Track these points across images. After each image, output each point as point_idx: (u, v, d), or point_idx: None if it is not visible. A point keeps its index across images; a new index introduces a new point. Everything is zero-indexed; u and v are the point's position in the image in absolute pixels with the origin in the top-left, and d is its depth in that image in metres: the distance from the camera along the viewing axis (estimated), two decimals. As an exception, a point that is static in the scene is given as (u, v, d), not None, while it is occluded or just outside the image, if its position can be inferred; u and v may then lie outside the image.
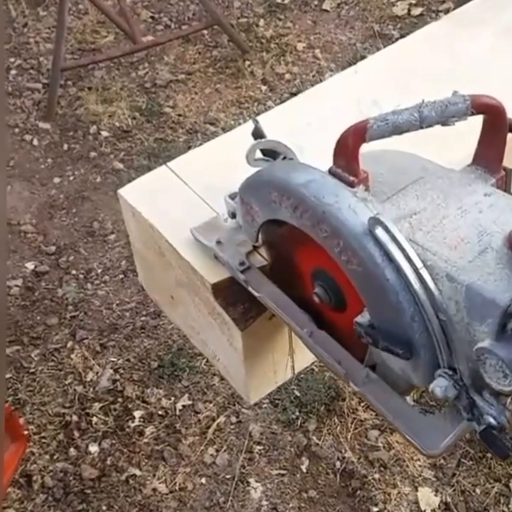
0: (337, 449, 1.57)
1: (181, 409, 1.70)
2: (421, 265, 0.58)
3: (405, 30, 2.77)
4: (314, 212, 0.63)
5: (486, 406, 0.59)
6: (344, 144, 0.64)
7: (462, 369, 0.59)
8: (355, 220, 0.60)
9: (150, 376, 1.77)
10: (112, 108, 2.55)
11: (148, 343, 1.85)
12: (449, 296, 0.57)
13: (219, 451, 1.63)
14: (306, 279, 0.74)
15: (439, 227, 0.61)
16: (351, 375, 0.67)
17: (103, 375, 1.78)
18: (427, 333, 0.59)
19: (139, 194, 0.89)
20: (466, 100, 0.62)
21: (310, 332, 0.71)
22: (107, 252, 2.11)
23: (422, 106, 0.62)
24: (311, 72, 2.62)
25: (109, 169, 2.35)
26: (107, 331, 1.89)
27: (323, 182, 0.64)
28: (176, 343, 1.83)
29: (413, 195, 0.64)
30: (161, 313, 1.91)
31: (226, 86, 2.59)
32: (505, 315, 0.54)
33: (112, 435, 1.67)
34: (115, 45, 2.81)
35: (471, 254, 0.58)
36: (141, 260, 0.96)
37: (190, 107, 2.53)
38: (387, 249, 0.58)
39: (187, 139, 2.41)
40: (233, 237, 0.81)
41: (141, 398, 1.73)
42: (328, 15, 2.91)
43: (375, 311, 0.63)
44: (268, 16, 2.92)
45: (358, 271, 0.61)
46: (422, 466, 1.50)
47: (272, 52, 2.72)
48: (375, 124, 0.62)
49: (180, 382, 1.75)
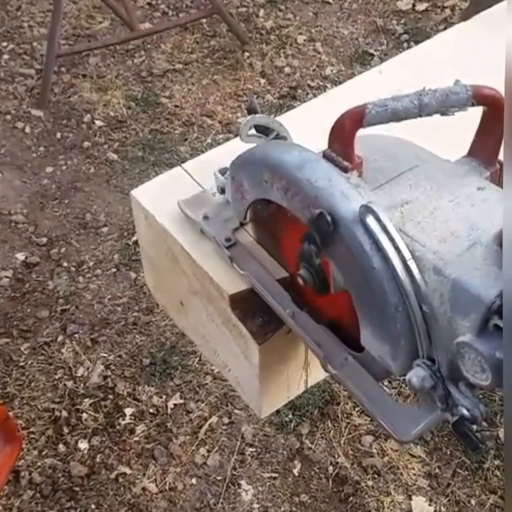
0: (330, 453, 1.57)
1: (173, 408, 1.68)
2: (409, 256, 0.58)
3: (409, 25, 2.74)
4: (306, 196, 0.62)
5: (460, 398, 0.60)
6: (340, 127, 0.63)
7: (441, 360, 0.60)
8: (347, 206, 0.60)
9: (141, 373, 1.75)
10: (106, 97, 2.51)
11: (141, 340, 1.83)
12: (434, 288, 0.57)
13: (210, 452, 1.62)
14: (291, 261, 0.74)
15: (430, 219, 0.61)
16: (330, 358, 0.68)
17: (94, 370, 1.76)
18: (408, 324, 0.59)
19: (153, 196, 0.86)
20: (468, 90, 0.61)
21: (292, 313, 0.71)
22: (100, 245, 2.08)
23: (422, 93, 0.61)
24: (311, 66, 2.58)
25: (102, 160, 2.32)
26: (99, 326, 1.87)
27: (316, 165, 0.64)
28: (168, 341, 1.81)
29: (406, 184, 0.64)
30: (154, 309, 1.89)
31: (224, 77, 2.55)
32: (489, 311, 0.54)
33: (102, 432, 1.66)
34: (111, 32, 2.76)
35: (459, 248, 0.58)
36: (150, 264, 0.94)
37: (187, 98, 2.49)
38: (376, 238, 0.58)
39: (183, 131, 2.38)
40: (221, 213, 0.80)
41: (133, 395, 1.71)
42: (330, 7, 2.88)
43: (360, 299, 0.63)
44: (268, 7, 2.87)
45: (345, 257, 0.61)
46: (416, 475, 1.50)
47: (271, 44, 2.68)
48: (374, 109, 0.61)
49: (172, 381, 1.73)
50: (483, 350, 0.55)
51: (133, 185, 2.29)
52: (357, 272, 0.61)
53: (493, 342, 0.55)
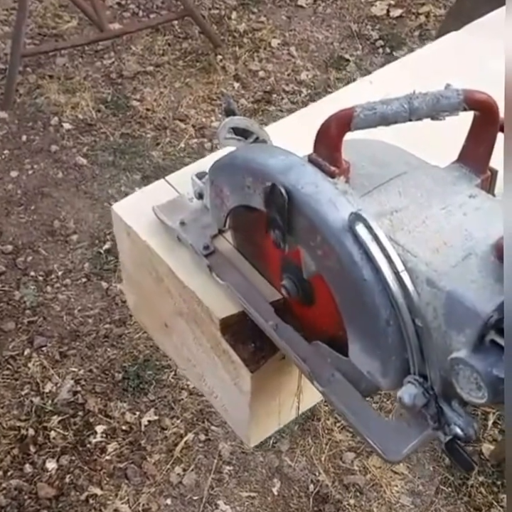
0: (310, 471, 1.53)
1: (147, 425, 1.63)
2: (402, 268, 0.55)
3: (384, 31, 2.74)
4: (291, 203, 0.60)
5: (454, 416, 0.58)
6: (327, 131, 0.60)
7: (433, 377, 0.58)
8: (335, 214, 0.57)
9: (114, 389, 1.69)
10: (74, 99, 2.43)
11: (113, 353, 1.76)
12: (428, 301, 0.55)
13: (186, 471, 1.57)
14: (273, 271, 0.71)
15: (422, 228, 0.59)
16: (316, 374, 0.65)
17: (63, 386, 1.70)
18: (400, 338, 0.57)
19: (135, 211, 0.81)
20: (460, 95, 0.59)
21: (275, 325, 0.68)
22: (69, 254, 2.00)
23: (412, 97, 0.59)
24: (286, 71, 2.55)
25: (71, 164, 2.24)
26: (68, 339, 1.80)
27: (302, 170, 0.61)
28: (142, 354, 1.75)
29: (395, 191, 0.62)
30: (127, 321, 1.82)
31: (197, 81, 2.50)
32: (486, 326, 0.52)
33: (72, 451, 1.60)
34: (79, 32, 2.67)
35: (453, 259, 0.56)
36: (132, 282, 0.89)
37: (159, 101, 2.43)
38: (366, 248, 0.55)
39: (155, 135, 2.32)
40: (198, 219, 0.77)
41: (104, 412, 1.65)
42: (303, 11, 2.85)
43: (349, 312, 0.60)
44: (241, 9, 2.83)
45: (333, 268, 0.58)
46: (399, 492, 1.47)
47: (245, 48, 2.64)
48: (362, 112, 0.58)
49: (146, 396, 1.67)
50: (479, 367, 0.52)
51: (103, 190, 2.25)
52: (346, 284, 0.58)
53: (489, 358, 0.52)
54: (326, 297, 0.63)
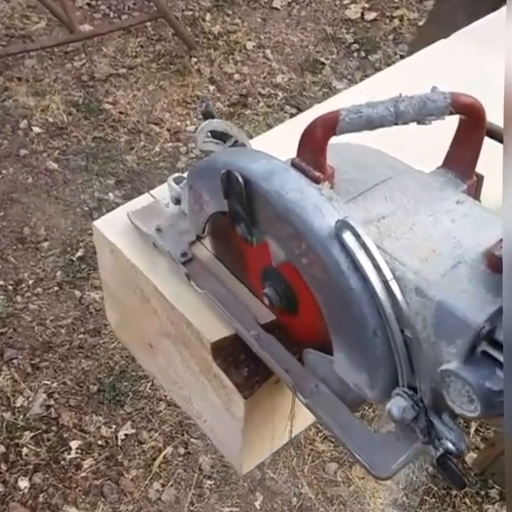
0: (293, 483, 1.51)
1: (123, 439, 1.59)
2: (391, 276, 0.54)
3: (359, 34, 2.74)
4: (275, 209, 0.58)
5: (444, 430, 0.57)
6: (312, 134, 0.59)
7: (423, 389, 0.56)
8: (321, 221, 0.56)
9: (88, 402, 1.65)
10: (44, 102, 2.37)
11: (87, 364, 1.71)
12: (417, 311, 0.54)
13: (165, 486, 1.53)
14: (254, 278, 0.70)
15: (409, 235, 0.58)
16: (299, 386, 0.63)
17: (35, 400, 1.65)
18: (388, 350, 0.56)
19: (119, 227, 0.77)
20: (446, 98, 0.59)
21: (257, 335, 0.66)
22: (40, 261, 1.94)
23: (398, 100, 0.58)
24: (262, 74, 2.53)
25: (41, 169, 2.18)
26: (40, 350, 1.75)
27: (286, 176, 0.59)
28: (118, 365, 1.71)
29: (381, 197, 0.61)
30: (102, 331, 1.77)
31: (171, 83, 2.46)
32: (477, 337, 0.51)
33: (45, 468, 1.55)
34: (47, 33, 2.61)
35: (443, 268, 0.54)
36: (114, 300, 0.85)
37: (133, 104, 2.38)
38: (354, 256, 0.54)
39: (129, 139, 2.27)
40: (175, 225, 0.75)
41: (79, 427, 1.61)
42: (278, 13, 2.83)
43: (335, 322, 0.59)
44: (215, 11, 2.80)
45: (319, 277, 0.57)
46: (383, 504, 1.46)
47: (219, 50, 2.61)
48: (348, 116, 0.57)
49: (122, 409, 1.63)
50: (471, 379, 0.51)
51: (75, 196, 2.19)
52: (332, 293, 0.57)
53: (481, 370, 0.51)
54: (310, 306, 0.61)
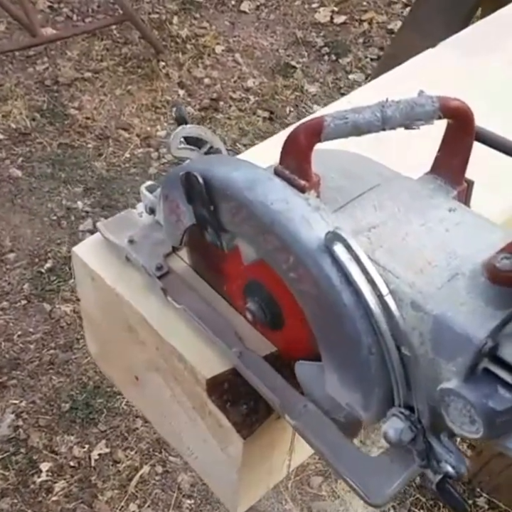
0: (277, 499, 1.47)
1: (97, 459, 1.53)
2: (387, 291, 0.51)
3: (329, 38, 2.73)
4: (260, 221, 0.55)
5: (444, 452, 0.54)
6: (295, 141, 0.56)
7: (421, 409, 0.54)
8: (310, 233, 0.53)
9: (60, 421, 1.59)
10: (6, 107, 2.29)
11: (58, 381, 1.65)
12: (413, 326, 0.52)
13: (142, 508, 1.49)
14: (235, 292, 0.66)
15: (402, 246, 0.55)
16: (287, 406, 0.59)
17: (2, 421, 1.59)
18: (383, 368, 0.53)
19: (101, 253, 0.72)
20: (435, 102, 0.57)
21: (239, 353, 0.63)
22: (6, 274, 1.87)
23: (385, 105, 0.56)
24: (232, 78, 2.50)
25: (4, 177, 2.11)
26: (7, 368, 1.68)
27: (271, 185, 0.56)
28: (91, 381, 1.65)
29: (370, 205, 0.59)
30: (73, 346, 1.71)
31: (139, 88, 2.41)
32: (479, 354, 0.48)
33: (14, 493, 1.48)
34: (7, 36, 2.53)
35: (439, 280, 0.52)
36: (95, 329, 0.80)
37: (100, 109, 2.32)
38: (346, 270, 0.51)
39: (97, 145, 2.21)
40: (149, 236, 0.71)
41: (49, 448, 1.55)
42: (246, 17, 2.81)
43: (326, 339, 0.56)
44: (182, 14, 2.76)
45: (309, 292, 0.54)
46: (371, 517, 1.44)
47: (188, 54, 2.57)
48: (333, 121, 0.55)
49: (96, 427, 1.57)
50: (472, 398, 0.48)
51: (42, 204, 2.12)
52: (323, 310, 0.54)
53: (483, 389, 0.49)
54: (297, 321, 0.59)
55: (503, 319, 0.48)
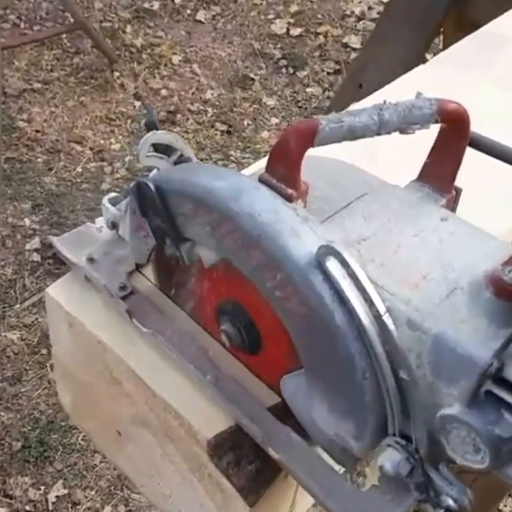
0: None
1: (55, 502, 1.45)
2: (384, 310, 0.48)
3: (286, 50, 2.74)
4: (246, 234, 0.52)
5: (444, 485, 0.51)
6: (285, 147, 0.53)
7: (419, 438, 0.51)
8: (300, 247, 0.50)
9: (12, 461, 1.49)
10: None
11: (8, 418, 1.56)
12: (409, 347, 0.49)
13: (106, 552, 1.39)
14: (208, 313, 0.62)
15: (395, 259, 0.53)
16: (271, 438, 0.55)
17: None
18: (378, 393, 0.50)
19: (81, 295, 0.65)
20: (432, 105, 0.55)
21: (214, 378, 0.58)
22: None
23: (383, 108, 0.54)
24: (190, 89, 2.47)
25: None
26: (-52, 404, 1.57)
27: (257, 195, 0.53)
28: (44, 415, 1.56)
29: (359, 216, 0.56)
30: (22, 378, 1.62)
31: (92, 99, 2.35)
32: (484, 376, 0.46)
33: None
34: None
35: (437, 296, 0.50)
36: (71, 380, 0.72)
37: (50, 121, 2.25)
38: (339, 287, 0.48)
39: (47, 159, 2.14)
40: (110, 253, 0.67)
41: (2, 491, 1.45)
42: (203, 26, 2.79)
43: (315, 364, 0.53)
44: (135, 22, 2.73)
45: (297, 312, 0.51)
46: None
47: (144, 64, 2.53)
48: (328, 125, 0.52)
49: (51, 466, 1.49)
50: (477, 425, 0.46)
51: (-13, 224, 2.03)
52: (313, 331, 0.51)
53: (488, 414, 0.46)
54: (279, 344, 0.55)
55: (507, 337, 0.46)
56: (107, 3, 2.78)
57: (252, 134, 2.33)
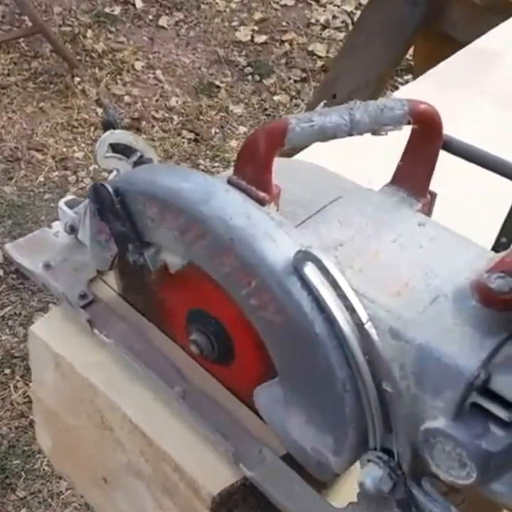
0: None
1: (19, 531, 1.39)
2: (367, 318, 0.47)
3: (251, 57, 2.76)
4: (217, 239, 0.50)
5: (427, 502, 0.50)
6: (255, 147, 0.52)
7: (402, 453, 0.50)
8: (276, 252, 0.49)
9: (-30, 488, 1.43)
10: None
11: (-35, 441, 1.50)
12: (392, 357, 0.48)
13: None
14: (177, 325, 0.60)
15: (374, 265, 0.52)
16: (242, 454, 0.53)
17: None
18: (359, 406, 0.49)
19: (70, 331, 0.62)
20: (404, 106, 0.55)
21: (182, 392, 0.56)
22: None
23: (353, 107, 0.53)
24: (154, 96, 2.46)
25: None
26: None
27: (228, 198, 0.52)
28: (5, 439, 1.52)
29: (335, 220, 0.55)
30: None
31: (52, 105, 2.32)
32: (470, 388, 0.45)
33: None
34: None
35: (420, 304, 0.49)
36: (53, 423, 0.68)
37: (8, 128, 2.21)
38: (319, 295, 0.47)
39: (6, 168, 2.10)
40: (69, 259, 0.64)
41: (-40, 519, 1.39)
42: (165, 32, 2.79)
43: (292, 375, 0.51)
44: (96, 27, 2.70)
45: (274, 321, 0.49)
46: None
47: (105, 70, 2.51)
48: (298, 125, 0.51)
49: (14, 493, 1.44)
50: (464, 439, 0.45)
51: None
52: (291, 340, 0.49)
53: (474, 427, 0.45)
54: (252, 355, 0.54)
55: (494, 347, 0.46)
56: (67, 7, 2.75)
57: (220, 143, 2.34)
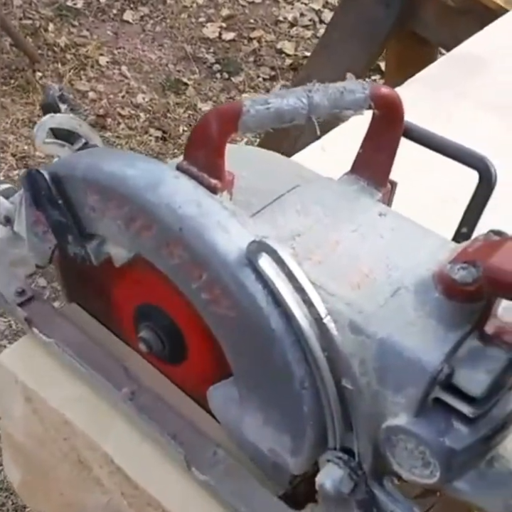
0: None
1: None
2: (325, 312, 0.46)
3: (219, 55, 2.76)
4: (165, 229, 0.48)
5: (389, 501, 0.49)
6: (206, 131, 0.49)
7: (363, 452, 0.49)
8: (228, 243, 0.47)
9: None
10: None
11: None
12: (352, 352, 0.46)
13: None
14: (123, 318, 0.58)
15: (333, 256, 0.50)
16: (194, 457, 0.52)
17: None
18: (318, 404, 0.48)
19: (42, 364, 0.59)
20: (365, 89, 0.53)
21: (130, 393, 0.55)
22: None
23: (312, 90, 0.51)
24: (119, 93, 2.44)
25: None
26: None
27: (177, 184, 0.49)
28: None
29: (292, 210, 0.53)
30: None
31: (13, 101, 2.28)
32: (433, 383, 0.44)
33: None
34: None
35: (381, 296, 0.48)
36: (24, 459, 0.63)
37: (-34, 124, 2.17)
38: (274, 287, 0.46)
39: (-37, 165, 2.05)
40: (5, 252, 0.62)
41: None
42: (130, 27, 2.77)
43: (247, 372, 0.50)
44: (58, 21, 2.67)
45: (227, 316, 0.48)
46: None
47: (68, 65, 2.48)
48: (253, 107, 0.49)
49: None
50: (427, 437, 0.44)
51: None
52: (245, 336, 0.48)
53: (437, 425, 0.45)
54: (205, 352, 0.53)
55: (458, 340, 0.45)
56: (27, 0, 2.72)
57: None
